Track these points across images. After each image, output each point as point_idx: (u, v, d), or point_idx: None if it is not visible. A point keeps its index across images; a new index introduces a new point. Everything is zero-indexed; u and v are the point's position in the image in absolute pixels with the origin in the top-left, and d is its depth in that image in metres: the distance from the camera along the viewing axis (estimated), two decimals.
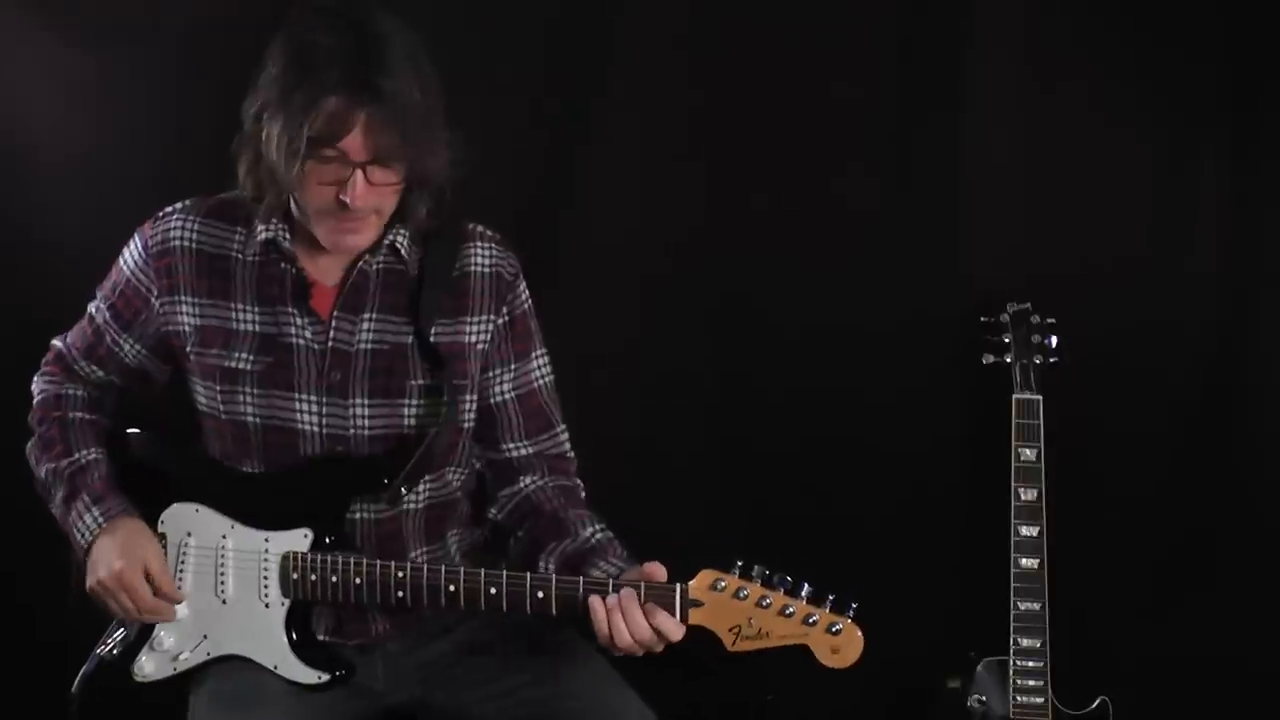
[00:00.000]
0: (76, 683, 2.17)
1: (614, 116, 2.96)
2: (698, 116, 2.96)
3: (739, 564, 2.00)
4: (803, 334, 3.00)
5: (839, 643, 1.98)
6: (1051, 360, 2.85)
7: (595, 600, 2.01)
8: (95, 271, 2.81)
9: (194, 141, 2.87)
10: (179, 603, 2.17)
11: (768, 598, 1.98)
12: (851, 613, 2.00)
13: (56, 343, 2.36)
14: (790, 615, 1.98)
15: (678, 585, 2.01)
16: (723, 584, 1.99)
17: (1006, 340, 2.86)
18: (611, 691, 2.17)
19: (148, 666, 2.18)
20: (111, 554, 2.14)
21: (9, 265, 2.96)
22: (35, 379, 2.35)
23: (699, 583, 2.00)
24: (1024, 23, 2.93)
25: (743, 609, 1.98)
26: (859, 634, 1.99)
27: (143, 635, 2.19)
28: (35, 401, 2.33)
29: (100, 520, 2.18)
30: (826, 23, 2.94)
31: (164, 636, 2.18)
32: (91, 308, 2.31)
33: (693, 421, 3.03)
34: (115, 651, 2.18)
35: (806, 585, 1.99)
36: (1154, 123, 2.95)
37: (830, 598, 1.99)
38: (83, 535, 2.18)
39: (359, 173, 2.02)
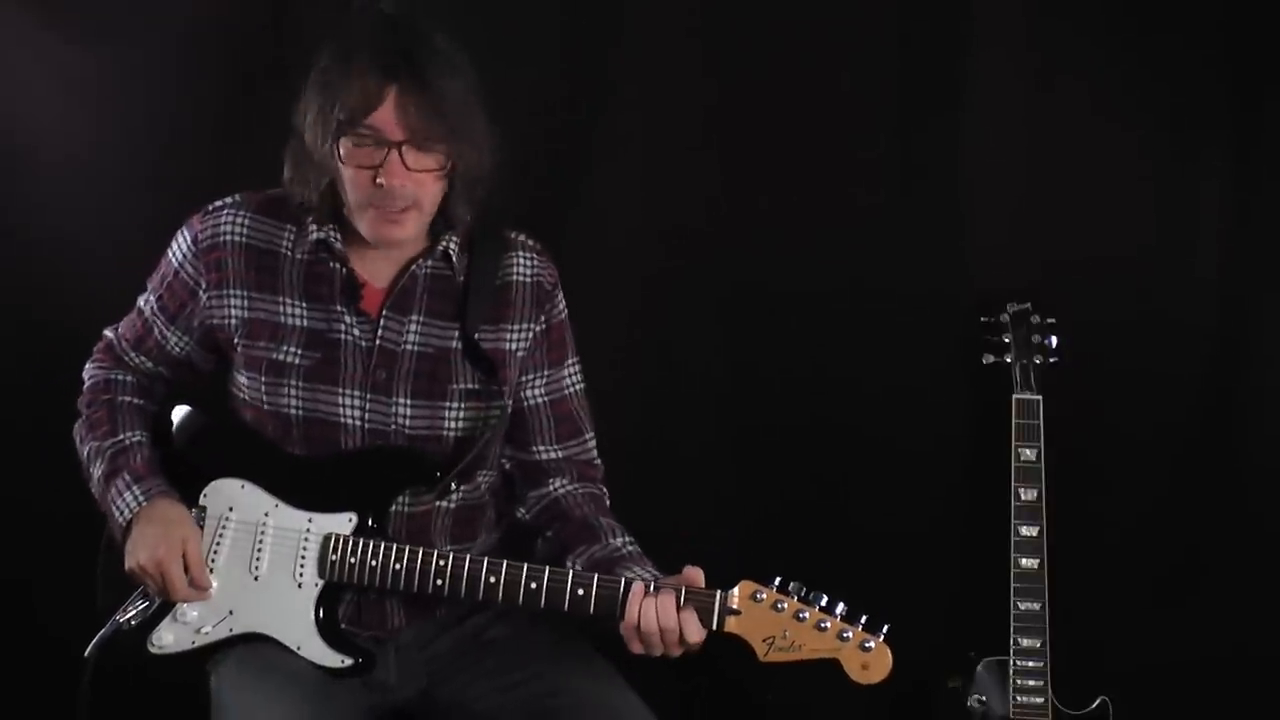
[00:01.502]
0: (91, 647, 2.16)
1: (621, 113, 2.96)
2: (702, 113, 2.96)
3: (778, 578, 2.06)
4: (803, 333, 2.99)
5: (869, 659, 2.05)
6: (1051, 360, 2.85)
7: (639, 584, 2.06)
8: (95, 271, 2.84)
9: (194, 141, 2.90)
10: (207, 589, 2.17)
11: (804, 612, 2.04)
12: (884, 634, 2.06)
13: (108, 333, 2.39)
14: (824, 630, 2.04)
15: (718, 592, 2.06)
16: (762, 595, 2.04)
17: (1006, 340, 2.86)
18: (612, 691, 2.18)
19: (167, 638, 2.18)
20: (152, 538, 2.15)
21: (9, 265, 2.95)
22: (86, 366, 2.38)
23: (739, 592, 2.05)
24: (1025, 22, 2.93)
25: (779, 621, 2.04)
26: (889, 654, 2.05)
27: (165, 606, 2.19)
28: (85, 386, 2.35)
29: (140, 498, 2.19)
30: (829, 21, 2.94)
31: (187, 609, 2.18)
32: (140, 300, 2.34)
33: (694, 420, 3.03)
34: (134, 622, 2.17)
35: (841, 604, 2.05)
36: (1155, 123, 2.95)
37: (864, 617, 2.06)
38: (121, 513, 2.19)
39: (394, 153, 2.07)
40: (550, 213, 2.85)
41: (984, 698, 2.80)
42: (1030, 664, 2.77)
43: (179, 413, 2.32)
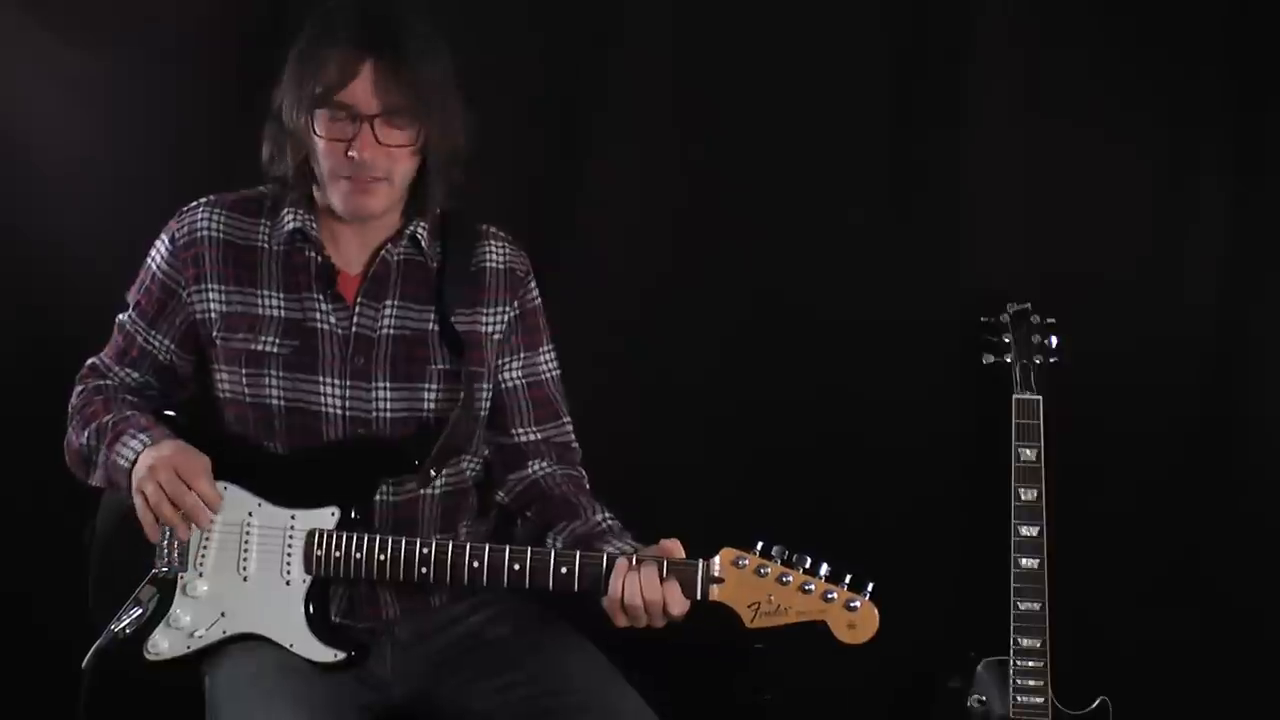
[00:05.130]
0: (88, 657, 2.16)
1: (615, 122, 2.97)
2: (700, 119, 2.97)
3: (759, 544, 2.06)
4: (803, 334, 2.99)
5: (855, 619, 2.05)
6: (1051, 360, 2.84)
7: (622, 560, 2.07)
8: (95, 271, 2.83)
9: (194, 141, 2.90)
10: (213, 501, 2.15)
11: (788, 575, 2.04)
12: (868, 592, 2.06)
13: (91, 359, 2.38)
14: (809, 592, 2.04)
15: (700, 561, 2.07)
16: (744, 561, 2.05)
17: (1006, 340, 2.86)
18: (611, 689, 2.19)
19: (162, 643, 2.18)
20: (156, 454, 2.14)
21: (9, 265, 2.95)
22: (73, 393, 2.35)
23: (721, 560, 2.06)
24: (1026, 25, 2.94)
25: (763, 586, 2.04)
26: (875, 612, 2.05)
27: (158, 613, 2.19)
28: (73, 403, 2.33)
29: (145, 441, 2.18)
30: (831, 28, 2.95)
31: (180, 614, 2.18)
32: (121, 316, 2.35)
33: (692, 421, 3.03)
34: (129, 630, 2.17)
35: (825, 564, 2.06)
36: (1154, 127, 2.95)
37: (848, 576, 2.06)
38: (125, 459, 2.17)
39: (367, 126, 2.11)
40: (540, 226, 2.84)
41: (984, 698, 2.80)
42: (1030, 664, 2.77)
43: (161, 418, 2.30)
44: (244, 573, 2.19)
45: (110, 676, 2.17)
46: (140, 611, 2.18)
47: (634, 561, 2.07)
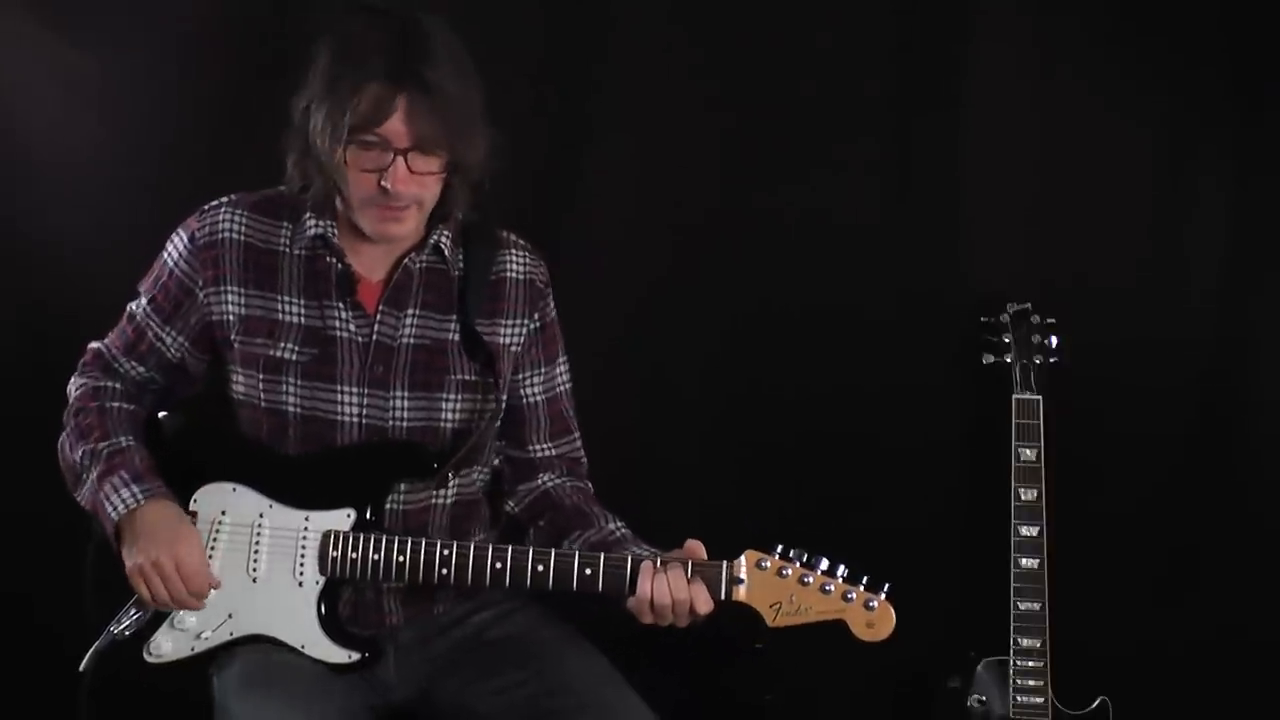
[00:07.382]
0: (87, 659, 2.14)
1: (614, 115, 2.97)
2: (699, 116, 2.97)
3: (779, 546, 2.12)
4: (803, 334, 3.00)
5: (874, 618, 2.12)
6: (1051, 360, 2.85)
7: (648, 564, 2.10)
8: (95, 271, 2.84)
9: (194, 141, 2.90)
10: (205, 597, 2.15)
11: (808, 576, 2.11)
12: (885, 592, 2.12)
13: (95, 344, 2.35)
14: (829, 593, 2.11)
15: (724, 562, 2.12)
16: (766, 563, 2.11)
17: (1006, 340, 2.86)
18: (611, 689, 2.19)
19: (165, 645, 2.16)
20: (151, 539, 2.12)
21: (9, 265, 2.95)
22: (72, 379, 2.34)
23: (744, 561, 2.12)
24: (1025, 23, 2.94)
25: (784, 586, 2.11)
26: (891, 610, 2.12)
27: (160, 614, 2.17)
28: (73, 398, 2.32)
29: (139, 497, 2.16)
30: (829, 22, 2.95)
31: (184, 615, 2.17)
32: (132, 306, 2.32)
33: (692, 422, 3.03)
34: (129, 631, 2.15)
35: (843, 566, 2.12)
36: (1156, 124, 2.96)
37: (865, 578, 2.12)
38: (114, 509, 2.15)
39: (400, 159, 2.09)
40: (540, 219, 2.84)
41: (984, 698, 2.80)
42: (1030, 664, 2.77)
43: (164, 419, 2.30)
44: (253, 574, 2.17)
45: (110, 680, 2.15)
46: (140, 613, 2.16)
47: (659, 563, 2.10)
